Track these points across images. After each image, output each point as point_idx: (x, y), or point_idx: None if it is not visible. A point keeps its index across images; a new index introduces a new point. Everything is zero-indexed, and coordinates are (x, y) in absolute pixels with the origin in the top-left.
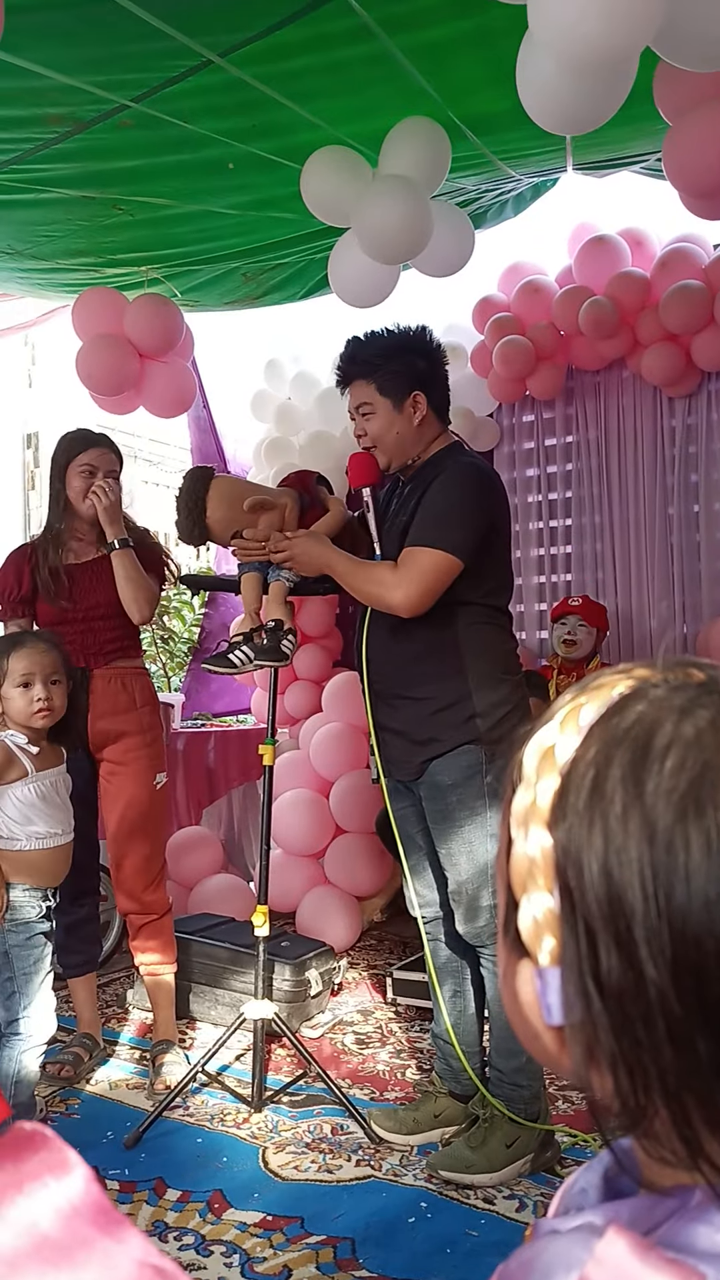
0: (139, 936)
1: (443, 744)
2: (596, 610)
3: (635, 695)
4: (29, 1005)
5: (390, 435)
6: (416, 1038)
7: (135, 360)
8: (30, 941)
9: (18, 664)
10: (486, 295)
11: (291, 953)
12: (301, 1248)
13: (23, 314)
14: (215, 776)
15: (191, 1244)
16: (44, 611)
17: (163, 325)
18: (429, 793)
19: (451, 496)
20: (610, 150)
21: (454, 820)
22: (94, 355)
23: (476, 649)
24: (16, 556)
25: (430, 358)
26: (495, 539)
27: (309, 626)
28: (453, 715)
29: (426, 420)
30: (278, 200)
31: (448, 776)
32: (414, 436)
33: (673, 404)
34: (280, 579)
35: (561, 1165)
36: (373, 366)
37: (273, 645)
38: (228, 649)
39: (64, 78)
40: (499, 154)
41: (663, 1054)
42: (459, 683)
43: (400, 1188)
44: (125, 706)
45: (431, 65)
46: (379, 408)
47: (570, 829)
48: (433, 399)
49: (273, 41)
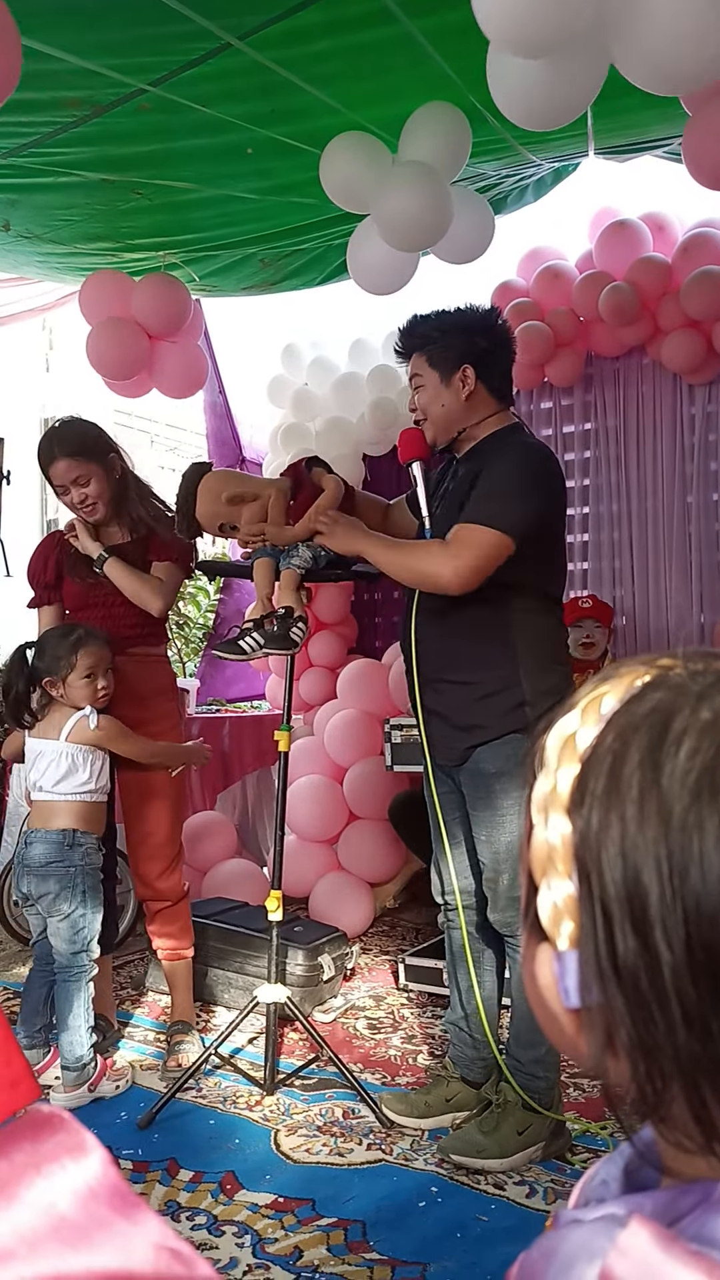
0: (156, 921)
1: (488, 731)
2: (605, 610)
3: (655, 683)
4: (93, 939)
5: (436, 407)
6: (428, 1023)
7: (145, 341)
8: (99, 885)
9: (85, 660)
10: (505, 280)
11: (305, 938)
12: (312, 1229)
13: (42, 297)
14: (230, 762)
15: (204, 1224)
16: (69, 596)
17: (171, 305)
18: (470, 779)
19: (510, 475)
20: (632, 134)
21: (496, 809)
22: (103, 338)
23: (529, 635)
24: (46, 544)
25: (493, 337)
26: (552, 523)
27: (325, 613)
28: (500, 702)
29: (477, 396)
30: (297, 185)
31: (492, 764)
32: (461, 411)
33: (693, 391)
34: (291, 566)
35: (573, 1153)
36: (427, 340)
37: (282, 632)
38: (238, 635)
39: (82, 61)
40: (520, 138)
41: (678, 1036)
42: (509, 669)
43: (411, 1172)
44: (144, 694)
45: (453, 49)
46: (428, 380)
47: (589, 814)
48: (488, 377)
49: (292, 24)
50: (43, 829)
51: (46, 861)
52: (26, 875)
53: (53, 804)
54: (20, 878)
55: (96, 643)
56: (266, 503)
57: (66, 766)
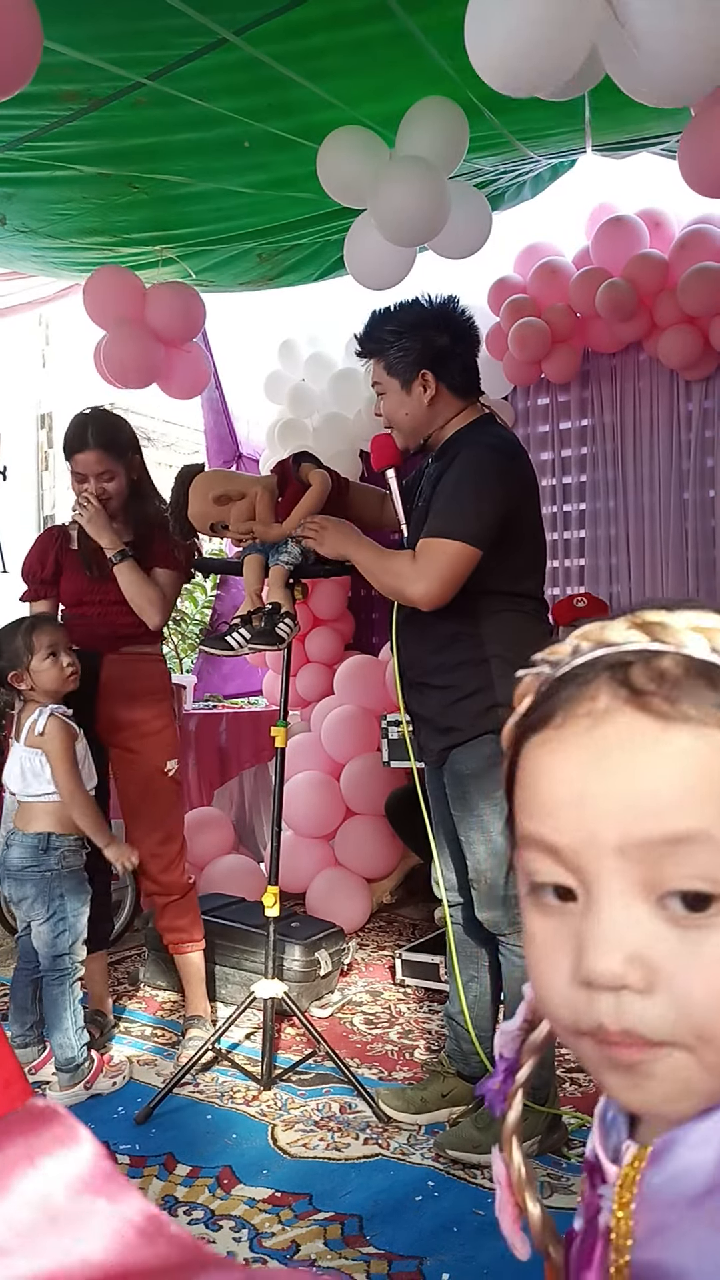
0: (165, 915)
1: (462, 733)
2: (601, 607)
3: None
4: (76, 942)
5: (400, 415)
6: (425, 1018)
7: (159, 349)
8: (81, 886)
9: (42, 639)
10: (502, 276)
11: (302, 933)
12: (309, 1224)
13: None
14: (227, 758)
15: (201, 1219)
16: (65, 593)
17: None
18: (450, 780)
19: (464, 482)
20: (630, 131)
21: (473, 809)
22: (117, 345)
23: (503, 637)
24: (44, 539)
25: (452, 330)
26: (517, 521)
27: (321, 609)
28: (473, 704)
29: (440, 399)
30: (294, 180)
31: (466, 765)
32: (425, 417)
33: (690, 387)
34: (280, 563)
35: (569, 1147)
36: (383, 345)
37: (269, 628)
38: (226, 631)
39: (79, 54)
40: (518, 134)
41: None
42: (482, 671)
43: (408, 1166)
44: (137, 693)
45: (451, 44)
46: (389, 388)
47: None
48: (449, 376)
49: (290, 19)
50: (20, 831)
51: (23, 866)
52: (6, 878)
53: (29, 805)
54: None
55: (48, 622)
56: (253, 500)
57: (32, 769)
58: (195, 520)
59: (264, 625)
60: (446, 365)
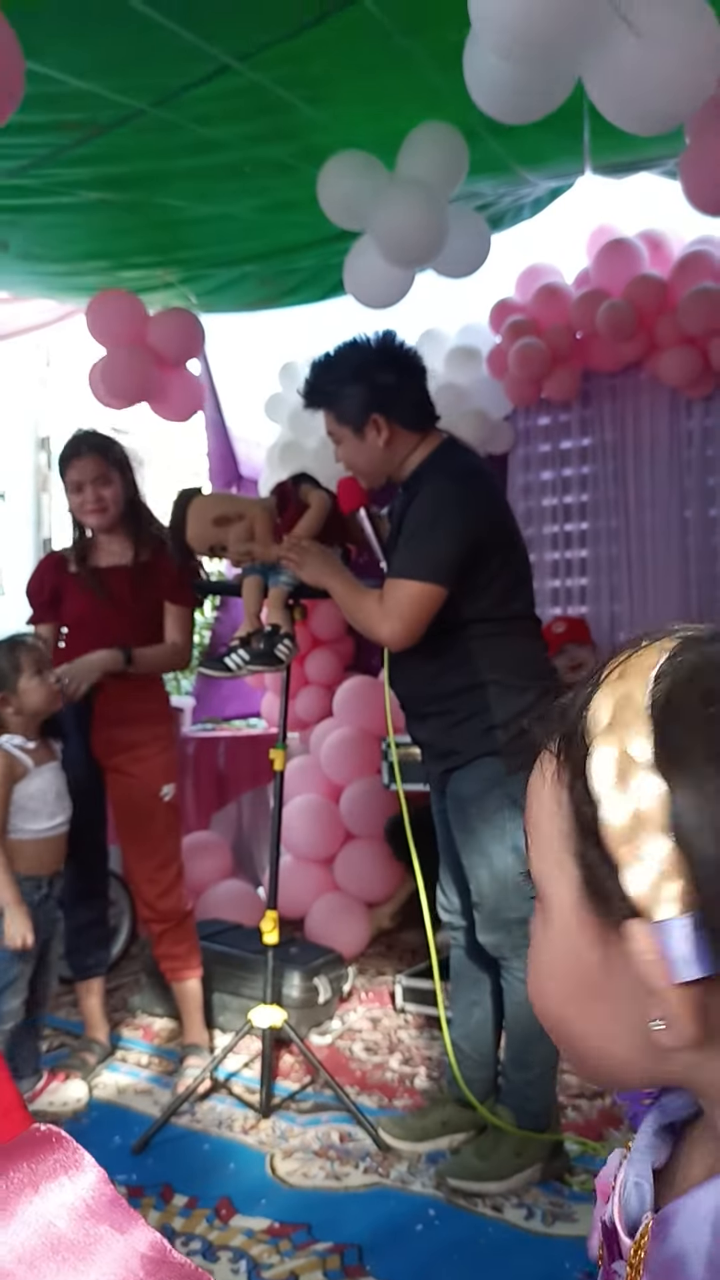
0: (162, 942)
1: (461, 756)
2: (580, 628)
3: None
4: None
5: (359, 461)
6: (425, 1045)
7: (155, 370)
8: (9, 964)
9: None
10: (503, 298)
11: (301, 959)
12: (309, 1255)
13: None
14: (225, 781)
15: (198, 1250)
16: (68, 615)
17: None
18: (452, 804)
19: (423, 521)
20: (629, 152)
21: (474, 832)
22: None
23: (494, 661)
24: (45, 563)
25: (396, 367)
26: (485, 551)
27: (321, 630)
28: (471, 727)
29: (396, 437)
30: (295, 204)
31: (467, 789)
32: (383, 457)
33: (690, 407)
34: (279, 584)
35: (571, 1174)
36: (328, 395)
37: (268, 650)
38: (225, 652)
39: (81, 83)
40: (517, 157)
41: None
42: (478, 695)
43: (408, 1195)
44: (134, 716)
45: (450, 68)
46: (343, 435)
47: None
48: (400, 413)
49: (291, 45)
50: None
51: None
52: None
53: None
54: None
55: (31, 641)
56: (252, 521)
57: None
58: (194, 542)
59: (263, 647)
60: (396, 404)
